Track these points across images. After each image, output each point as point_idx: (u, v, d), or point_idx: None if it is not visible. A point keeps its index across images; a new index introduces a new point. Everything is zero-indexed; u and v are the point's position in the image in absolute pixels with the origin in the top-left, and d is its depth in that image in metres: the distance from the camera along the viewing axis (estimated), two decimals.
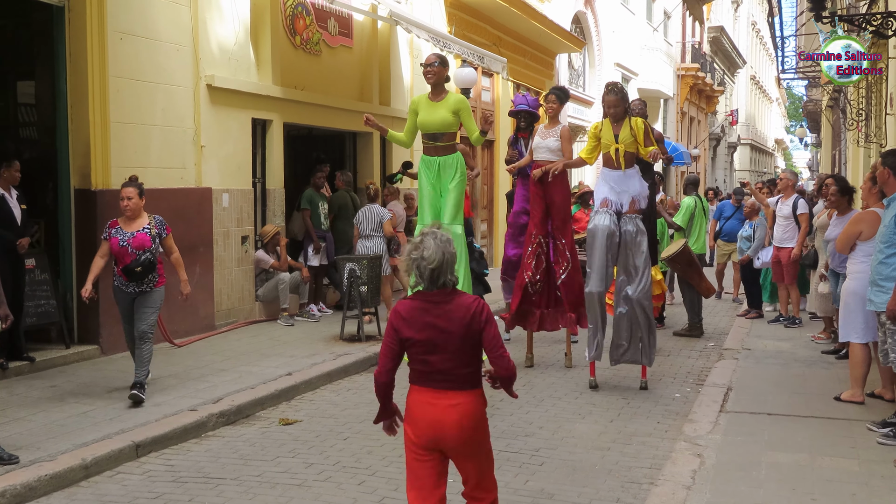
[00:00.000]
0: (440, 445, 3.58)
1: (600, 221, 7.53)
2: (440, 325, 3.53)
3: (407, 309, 3.58)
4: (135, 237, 6.93)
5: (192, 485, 5.31)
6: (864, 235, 6.87)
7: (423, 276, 3.54)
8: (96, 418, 6.33)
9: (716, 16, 45.24)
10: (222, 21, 10.10)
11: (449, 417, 3.53)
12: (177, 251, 7.29)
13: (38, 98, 9.33)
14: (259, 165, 11.00)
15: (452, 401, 3.55)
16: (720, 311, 12.91)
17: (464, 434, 3.56)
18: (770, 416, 6.57)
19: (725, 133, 49.17)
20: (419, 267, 3.53)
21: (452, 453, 3.62)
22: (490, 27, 17.49)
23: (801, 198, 10.53)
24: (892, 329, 5.86)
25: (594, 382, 7.76)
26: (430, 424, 3.55)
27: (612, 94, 7.59)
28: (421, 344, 3.54)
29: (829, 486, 5.07)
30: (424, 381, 3.58)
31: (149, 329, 6.93)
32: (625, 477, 5.46)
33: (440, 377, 3.55)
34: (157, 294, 7.04)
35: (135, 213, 6.98)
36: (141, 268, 6.83)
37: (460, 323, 3.53)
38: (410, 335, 3.54)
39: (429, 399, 3.57)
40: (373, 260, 9.76)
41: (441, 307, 3.55)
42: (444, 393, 3.55)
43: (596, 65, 27.66)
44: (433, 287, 3.56)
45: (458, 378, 3.56)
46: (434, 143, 7.08)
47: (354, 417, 6.82)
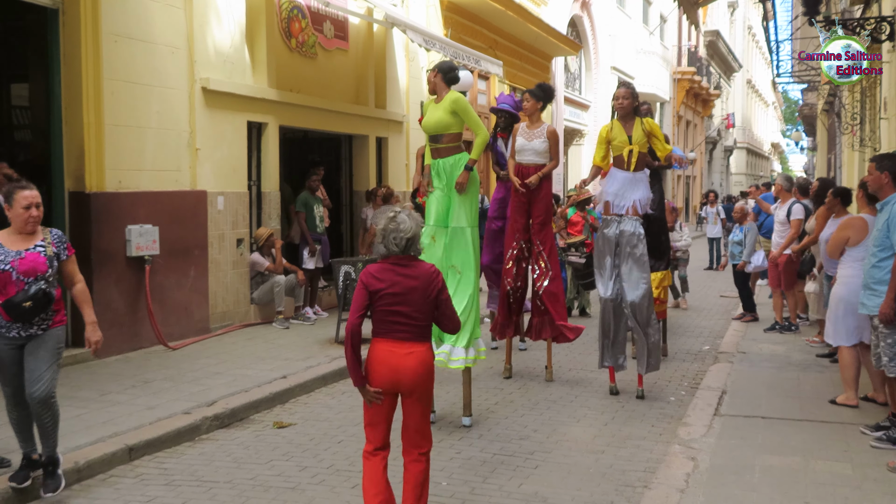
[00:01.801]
0: (397, 388, 4.24)
1: (609, 230, 7.46)
2: (406, 282, 4.23)
3: (377, 269, 4.28)
4: (23, 258, 5.00)
5: (185, 488, 5.30)
6: (852, 241, 6.91)
7: (397, 244, 4.24)
8: (89, 421, 6.31)
9: (712, 20, 45.36)
10: (218, 23, 10.09)
11: (407, 363, 4.21)
12: (81, 280, 5.35)
13: (31, 100, 9.33)
14: (254, 168, 10.99)
15: (410, 349, 4.24)
16: (715, 315, 12.91)
17: (418, 377, 4.24)
18: (764, 420, 6.57)
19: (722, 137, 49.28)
20: (395, 238, 4.23)
21: (406, 394, 4.27)
22: (486, 30, 17.51)
23: (798, 202, 10.47)
24: (884, 332, 5.87)
25: (615, 389, 7.65)
26: (391, 368, 4.21)
27: (622, 87, 7.57)
28: (390, 296, 4.20)
29: (823, 489, 5.07)
30: (387, 332, 4.24)
31: (49, 393, 5.04)
32: (619, 480, 5.45)
33: (402, 328, 4.22)
34: (53, 337, 5.13)
35: (35, 227, 5.12)
36: (31, 302, 4.93)
37: (422, 281, 4.25)
38: (380, 287, 4.20)
39: (390, 348, 4.23)
40: (368, 263, 9.74)
41: (407, 268, 4.27)
42: (403, 343, 4.23)
43: (592, 68, 27.71)
44: (404, 253, 4.26)
45: (417, 329, 4.25)
46: (436, 145, 6.95)
47: (349, 421, 6.81)
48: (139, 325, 8.91)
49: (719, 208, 21.52)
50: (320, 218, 11.51)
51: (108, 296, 8.56)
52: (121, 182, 8.72)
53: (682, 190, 39.36)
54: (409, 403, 4.31)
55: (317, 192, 11.55)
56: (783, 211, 10.52)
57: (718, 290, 15.75)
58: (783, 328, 10.59)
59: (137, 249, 8.79)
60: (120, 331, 8.69)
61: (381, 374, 4.22)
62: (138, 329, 8.90)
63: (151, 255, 8.96)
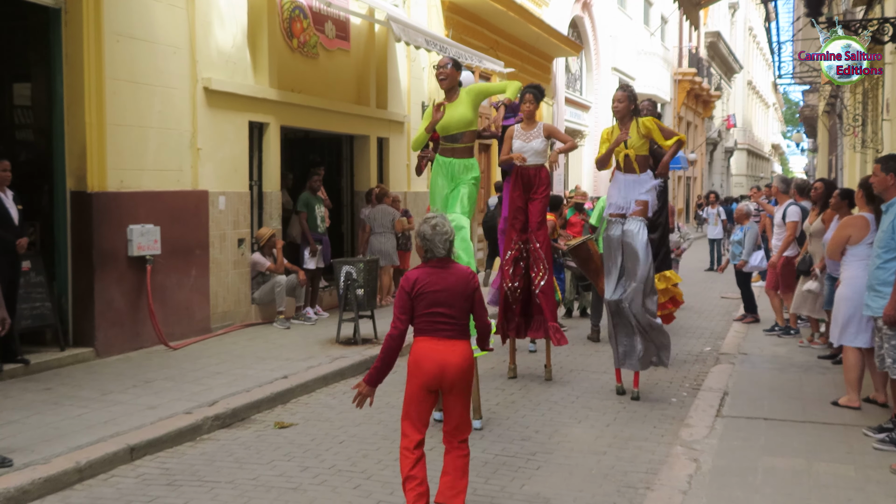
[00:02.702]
0: (441, 383, 4.42)
1: (614, 232, 7.43)
2: (447, 284, 4.45)
3: (416, 274, 4.47)
4: None
5: (186, 488, 5.29)
6: (853, 240, 6.90)
7: (442, 247, 4.47)
8: (91, 421, 6.31)
9: (713, 21, 45.37)
10: (219, 24, 10.09)
11: (451, 358, 4.41)
12: None
13: (33, 100, 9.31)
14: (255, 168, 10.99)
15: (453, 346, 4.44)
16: (716, 316, 12.90)
17: (462, 372, 4.44)
18: (766, 421, 6.56)
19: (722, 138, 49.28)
20: (440, 238, 4.46)
21: (449, 389, 4.44)
22: (487, 31, 17.51)
23: (795, 204, 10.45)
24: (888, 334, 5.86)
25: (621, 388, 7.68)
26: (436, 364, 4.40)
27: (619, 90, 7.55)
28: (431, 295, 4.41)
29: (826, 491, 5.06)
30: (430, 332, 4.43)
31: None
32: (621, 481, 5.45)
33: (444, 327, 4.42)
34: None
35: None
36: None
37: (460, 282, 4.48)
38: (422, 290, 4.40)
39: (434, 346, 4.42)
40: (370, 263, 9.75)
41: (446, 270, 4.49)
42: (446, 341, 4.43)
43: (593, 69, 27.71)
44: (447, 255, 4.50)
45: (458, 327, 4.46)
46: (452, 145, 6.86)
47: (350, 421, 6.80)
48: (140, 325, 8.91)
49: (720, 209, 21.52)
50: (321, 218, 11.51)
51: (109, 295, 8.56)
52: (122, 182, 8.72)
53: (682, 191, 39.37)
54: (452, 397, 4.48)
55: (318, 193, 11.55)
56: (780, 213, 10.52)
57: (719, 292, 15.74)
58: (783, 331, 10.56)
59: (139, 249, 8.79)
60: (121, 330, 8.69)
61: (427, 371, 4.42)
62: (139, 329, 8.90)
63: (153, 255, 8.96)
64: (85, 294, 8.46)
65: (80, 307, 8.50)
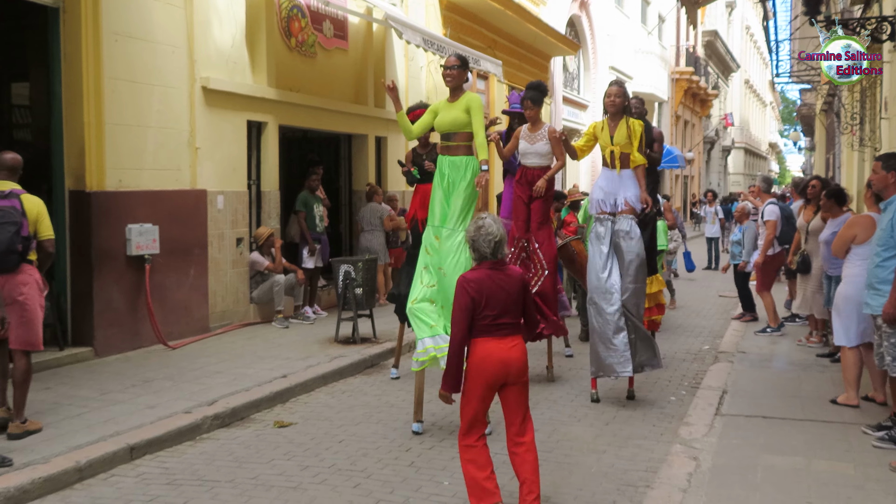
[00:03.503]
0: (506, 378, 4.60)
1: (601, 230, 7.30)
2: (503, 287, 4.59)
3: (476, 277, 4.60)
4: None
5: (186, 487, 5.29)
6: (859, 239, 6.89)
7: (489, 248, 4.59)
8: (90, 420, 6.30)
9: (710, 20, 45.39)
10: (218, 23, 10.09)
11: (513, 354, 4.60)
12: None
13: (32, 99, 9.31)
14: (254, 167, 10.98)
15: (513, 343, 4.63)
16: (714, 315, 12.92)
17: (523, 365, 4.65)
18: (765, 420, 6.57)
19: (719, 137, 49.33)
20: (485, 241, 4.58)
21: (512, 383, 4.63)
22: (485, 30, 17.51)
23: (772, 203, 10.50)
24: (888, 332, 5.87)
25: (595, 395, 7.44)
26: (500, 361, 4.56)
27: (615, 86, 7.43)
28: (490, 299, 4.55)
29: (825, 489, 5.07)
30: (490, 332, 4.59)
31: None
32: (621, 480, 5.45)
33: (503, 326, 4.59)
34: None
35: None
36: None
37: (515, 285, 4.64)
38: (480, 296, 4.54)
39: (496, 345, 4.58)
40: (368, 262, 9.75)
41: (501, 273, 4.62)
42: (506, 339, 4.61)
43: (591, 68, 27.72)
44: (494, 257, 4.61)
45: (514, 326, 4.66)
46: (447, 143, 6.94)
47: (350, 420, 6.81)
48: (139, 325, 8.90)
49: (717, 208, 21.53)
50: (320, 217, 11.51)
51: (108, 295, 8.56)
52: (121, 181, 8.71)
53: (679, 189, 39.39)
54: (515, 391, 4.67)
55: (316, 192, 11.55)
56: (760, 213, 10.60)
57: (717, 290, 15.75)
58: (773, 330, 10.53)
59: (137, 248, 8.79)
60: (120, 330, 8.68)
61: (492, 369, 4.57)
62: (138, 328, 8.89)
63: (151, 254, 8.95)
64: (84, 293, 8.46)
65: (79, 307, 8.49)
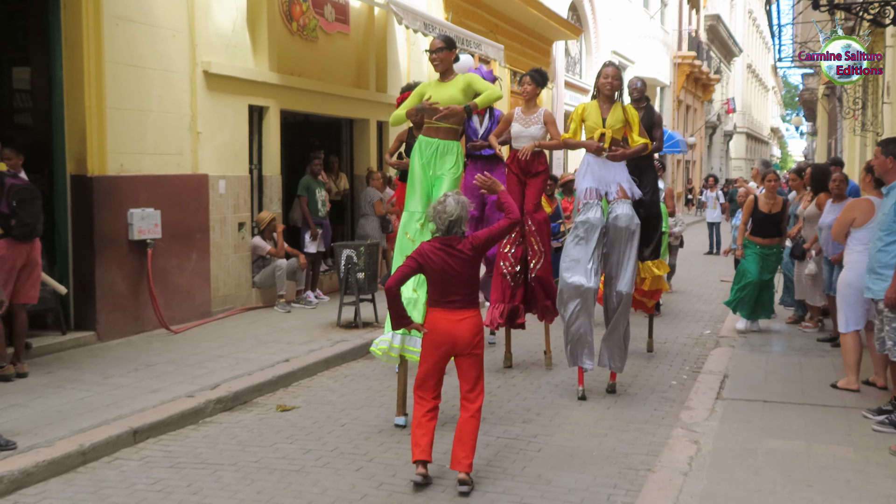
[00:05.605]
0: (454, 348, 4.87)
1: (593, 214, 6.90)
2: (448, 262, 4.82)
3: (429, 248, 4.87)
4: None
5: (189, 470, 5.32)
6: (858, 222, 6.90)
7: (443, 225, 4.84)
8: (93, 404, 6.33)
9: (712, 4, 45.15)
10: (219, 7, 10.05)
11: (462, 327, 4.84)
12: None
13: (33, 84, 9.27)
14: (255, 152, 10.97)
15: (463, 315, 4.86)
16: (715, 299, 12.92)
17: (471, 339, 4.87)
18: (766, 404, 6.59)
19: (721, 121, 49.19)
20: (440, 218, 4.84)
21: (463, 354, 4.89)
22: (487, 14, 17.44)
23: None
24: (889, 317, 5.88)
25: (582, 392, 7.05)
26: (445, 332, 4.84)
27: (612, 67, 7.12)
28: (440, 273, 4.83)
29: (825, 472, 5.09)
30: (441, 304, 4.87)
31: None
32: (622, 463, 5.48)
33: (453, 299, 4.85)
34: None
35: None
36: None
37: (462, 262, 4.85)
38: (430, 266, 4.83)
39: (445, 316, 4.86)
40: (370, 247, 9.75)
41: (450, 250, 4.85)
42: (456, 311, 4.86)
43: (593, 52, 27.61)
44: (448, 234, 4.86)
45: (465, 299, 4.87)
46: (437, 124, 6.62)
47: (352, 404, 6.83)
48: (141, 309, 8.92)
49: (719, 193, 21.51)
50: (322, 202, 11.51)
51: (110, 279, 8.57)
52: (122, 165, 8.71)
53: (681, 175, 39.32)
54: (466, 361, 4.92)
55: (318, 177, 11.55)
56: None
57: (718, 275, 15.75)
58: None
59: (139, 233, 8.79)
60: (122, 314, 8.70)
61: (438, 338, 4.85)
62: (140, 312, 8.91)
63: (153, 239, 8.96)
64: (86, 278, 8.47)
65: (81, 291, 8.51)
